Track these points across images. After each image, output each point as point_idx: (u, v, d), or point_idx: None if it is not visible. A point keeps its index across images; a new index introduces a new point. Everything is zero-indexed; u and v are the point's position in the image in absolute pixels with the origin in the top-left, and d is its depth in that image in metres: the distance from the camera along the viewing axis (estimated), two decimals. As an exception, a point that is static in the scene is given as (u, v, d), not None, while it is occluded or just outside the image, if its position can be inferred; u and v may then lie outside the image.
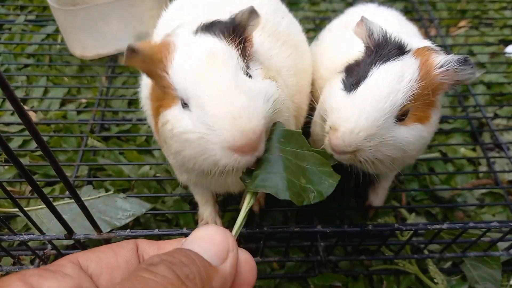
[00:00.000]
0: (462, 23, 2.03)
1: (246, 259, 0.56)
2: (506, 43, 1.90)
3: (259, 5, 1.01)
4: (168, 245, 0.57)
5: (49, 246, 1.03)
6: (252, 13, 0.78)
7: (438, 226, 0.99)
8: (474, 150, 1.51)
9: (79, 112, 1.58)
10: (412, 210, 1.31)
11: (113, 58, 1.73)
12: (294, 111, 0.99)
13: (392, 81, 0.79)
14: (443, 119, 1.58)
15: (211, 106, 0.66)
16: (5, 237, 0.93)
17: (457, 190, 1.36)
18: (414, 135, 0.83)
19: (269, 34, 0.98)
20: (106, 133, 1.50)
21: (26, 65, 1.74)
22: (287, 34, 1.04)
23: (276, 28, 1.01)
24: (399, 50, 0.83)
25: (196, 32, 0.76)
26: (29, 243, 1.04)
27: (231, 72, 0.69)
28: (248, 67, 0.76)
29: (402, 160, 0.90)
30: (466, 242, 1.10)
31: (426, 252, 1.14)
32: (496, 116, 1.61)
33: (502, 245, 1.11)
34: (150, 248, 0.57)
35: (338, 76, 0.90)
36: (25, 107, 1.58)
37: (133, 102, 1.62)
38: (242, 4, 0.99)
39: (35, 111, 1.57)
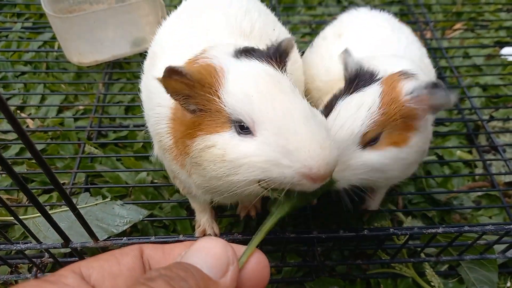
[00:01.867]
0: (458, 25, 2.04)
1: (258, 258, 0.57)
2: (501, 45, 1.91)
3: (252, 20, 1.02)
4: (173, 250, 0.57)
5: (47, 254, 1.04)
6: (292, 42, 0.79)
7: (433, 230, 0.99)
8: (470, 152, 1.52)
9: (76, 119, 1.58)
10: (409, 213, 1.31)
11: (110, 64, 1.74)
12: None
13: (349, 111, 0.83)
14: (439, 122, 1.58)
15: (292, 131, 0.66)
16: (1, 246, 0.93)
17: (453, 192, 1.37)
18: (390, 157, 0.85)
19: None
20: (104, 140, 1.50)
21: (23, 73, 1.75)
22: None
23: (270, 39, 1.02)
24: (369, 80, 0.86)
25: (237, 56, 0.75)
26: (26, 252, 1.04)
27: (300, 99, 0.71)
28: None
29: (389, 180, 0.94)
30: (462, 245, 1.10)
31: (422, 255, 1.14)
32: (492, 118, 1.62)
33: (498, 247, 1.12)
34: (155, 254, 0.56)
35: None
36: (23, 115, 1.59)
37: (130, 109, 1.63)
38: (242, 17, 1.01)
39: (32, 118, 1.58)
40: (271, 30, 1.06)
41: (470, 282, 1.13)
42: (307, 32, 1.98)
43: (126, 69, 1.74)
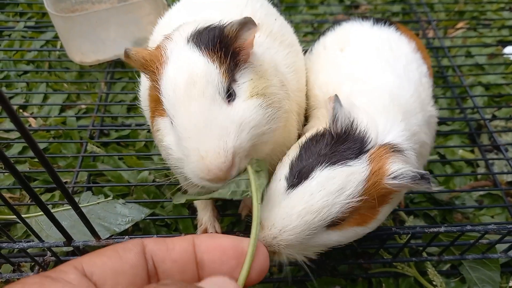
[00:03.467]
0: (460, 24, 2.04)
1: (261, 249, 0.57)
2: (504, 44, 1.90)
3: (253, 11, 1.02)
4: (176, 244, 0.56)
5: (49, 253, 1.04)
6: (244, 24, 0.78)
7: (435, 230, 0.99)
8: (472, 151, 1.52)
9: (78, 118, 1.58)
10: (411, 213, 1.31)
11: (112, 63, 1.74)
12: (298, 109, 1.02)
13: (329, 195, 0.75)
14: (442, 121, 1.58)
15: (185, 139, 0.74)
16: (4, 244, 0.93)
17: (455, 192, 1.36)
18: (349, 237, 0.81)
19: (266, 35, 0.99)
20: (106, 139, 1.50)
21: (26, 72, 1.75)
22: (281, 35, 1.06)
23: (271, 29, 1.03)
24: (358, 148, 0.78)
25: (188, 40, 0.78)
26: (29, 250, 1.05)
27: (206, 104, 0.73)
28: (235, 80, 0.78)
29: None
30: (464, 245, 1.10)
31: (424, 254, 1.14)
32: (494, 117, 1.61)
33: (500, 247, 1.11)
34: (159, 250, 0.55)
35: (296, 145, 0.87)
36: (25, 114, 1.59)
37: (132, 108, 1.63)
38: (238, 11, 1.01)
39: (35, 118, 1.58)
40: (272, 20, 1.06)
41: (472, 282, 1.13)
42: (309, 31, 1.98)
43: (128, 68, 1.74)
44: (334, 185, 0.75)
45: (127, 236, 0.97)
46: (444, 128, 1.58)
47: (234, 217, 1.27)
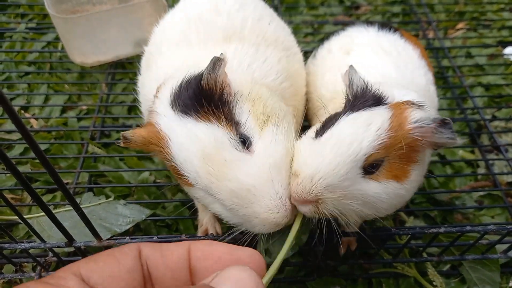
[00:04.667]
0: (460, 25, 2.04)
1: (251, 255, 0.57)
2: (504, 44, 1.91)
3: (244, 16, 1.03)
4: (172, 252, 0.56)
5: (50, 253, 1.04)
6: (215, 65, 0.76)
7: (435, 230, 0.99)
8: (472, 152, 1.52)
9: (79, 119, 1.59)
10: (411, 213, 1.32)
11: (113, 65, 1.75)
12: (293, 111, 1.01)
13: (357, 128, 0.75)
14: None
15: (237, 209, 0.75)
16: (6, 245, 0.94)
17: (455, 192, 1.37)
18: (388, 192, 0.77)
19: (253, 43, 0.99)
20: (107, 140, 1.51)
21: (27, 73, 1.76)
22: (275, 38, 1.06)
23: (264, 34, 1.03)
24: (376, 102, 0.80)
25: (172, 107, 0.77)
26: (31, 251, 1.05)
27: (234, 169, 0.72)
28: (238, 123, 0.77)
29: (372, 216, 0.84)
30: (464, 245, 1.10)
31: (424, 255, 1.14)
32: (494, 118, 1.61)
33: (500, 247, 1.12)
34: (153, 255, 0.55)
35: (316, 125, 0.87)
36: (27, 115, 1.60)
37: (133, 109, 1.63)
38: (231, 17, 1.01)
39: (36, 119, 1.59)
40: (266, 24, 1.06)
41: (472, 282, 1.13)
42: (309, 32, 1.98)
43: (129, 69, 1.75)
44: (361, 120, 0.76)
45: (128, 237, 0.97)
46: (444, 129, 1.58)
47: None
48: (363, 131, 0.75)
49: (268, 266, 0.63)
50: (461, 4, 2.13)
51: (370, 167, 0.76)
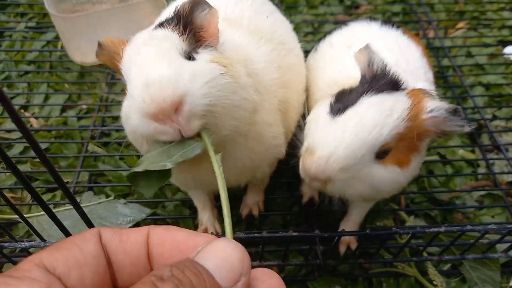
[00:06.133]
0: (460, 24, 2.04)
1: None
2: (504, 44, 1.90)
3: (242, 9, 1.03)
4: (130, 236, 0.54)
5: (50, 253, 1.04)
6: (196, 4, 0.79)
7: (436, 229, 0.99)
8: (473, 151, 1.52)
9: (79, 118, 1.59)
10: (411, 212, 1.31)
11: (113, 64, 1.74)
12: (277, 105, 0.99)
13: (380, 114, 0.75)
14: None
15: (134, 75, 0.70)
16: (6, 244, 0.94)
17: (456, 192, 1.37)
18: (390, 178, 0.79)
19: (249, 32, 0.99)
20: (106, 139, 1.51)
21: (27, 72, 1.75)
22: (271, 32, 1.06)
23: (261, 26, 1.03)
24: (394, 86, 0.80)
25: (154, 28, 0.80)
26: (31, 250, 1.05)
27: (163, 49, 0.72)
28: (196, 52, 0.76)
29: (371, 198, 0.87)
30: (464, 244, 1.10)
31: (425, 254, 1.14)
32: (494, 117, 1.61)
33: (500, 246, 1.12)
34: (112, 240, 0.53)
35: (328, 99, 0.86)
36: (26, 114, 1.60)
37: (133, 108, 1.63)
38: (232, 6, 1.02)
39: (36, 118, 1.59)
40: (263, 18, 1.07)
41: (473, 281, 1.13)
42: (309, 32, 1.98)
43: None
44: (385, 106, 0.75)
45: (128, 236, 0.97)
46: (444, 128, 1.58)
47: (235, 217, 1.27)
48: (386, 117, 0.74)
49: None
50: (461, 3, 2.13)
51: (382, 153, 0.77)
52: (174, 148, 0.69)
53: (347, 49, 1.12)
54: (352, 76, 0.99)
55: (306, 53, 1.32)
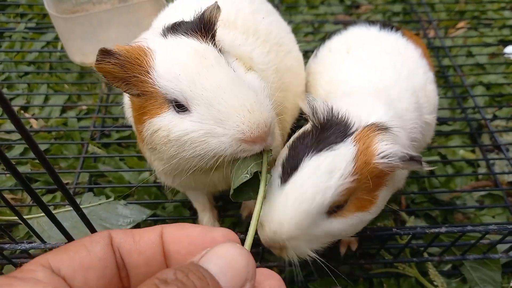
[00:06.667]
0: (461, 24, 2.04)
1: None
2: (505, 43, 1.90)
3: (238, 8, 1.03)
4: (143, 236, 0.54)
5: (50, 254, 1.04)
6: (218, 8, 0.80)
7: (436, 230, 0.99)
8: (473, 151, 1.51)
9: (79, 119, 1.59)
10: (412, 213, 1.31)
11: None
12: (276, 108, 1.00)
13: (320, 181, 0.74)
14: (442, 121, 1.58)
15: (221, 101, 0.69)
16: (6, 245, 0.93)
17: (456, 192, 1.36)
18: (353, 224, 0.79)
19: (244, 32, 0.99)
20: (107, 140, 1.51)
21: (27, 73, 1.75)
22: (267, 33, 1.06)
23: (256, 27, 1.03)
24: (342, 133, 0.78)
25: (164, 34, 0.78)
26: (31, 251, 1.05)
27: (226, 68, 0.72)
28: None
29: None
30: (465, 245, 1.10)
31: (425, 255, 1.14)
32: (495, 117, 1.61)
33: (501, 247, 1.11)
34: (125, 241, 0.53)
35: (285, 147, 0.85)
36: (26, 115, 1.60)
37: (133, 108, 1.63)
38: (229, 6, 1.01)
39: (36, 119, 1.59)
40: (259, 18, 1.06)
41: (474, 282, 1.13)
42: (309, 32, 1.98)
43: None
44: (322, 170, 0.75)
45: (128, 237, 0.97)
46: (445, 128, 1.58)
47: (235, 217, 1.27)
48: (326, 180, 0.74)
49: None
50: (461, 3, 2.13)
51: (335, 208, 0.77)
52: (247, 162, 0.74)
53: (346, 53, 1.12)
54: (349, 83, 0.99)
55: (306, 53, 1.32)
